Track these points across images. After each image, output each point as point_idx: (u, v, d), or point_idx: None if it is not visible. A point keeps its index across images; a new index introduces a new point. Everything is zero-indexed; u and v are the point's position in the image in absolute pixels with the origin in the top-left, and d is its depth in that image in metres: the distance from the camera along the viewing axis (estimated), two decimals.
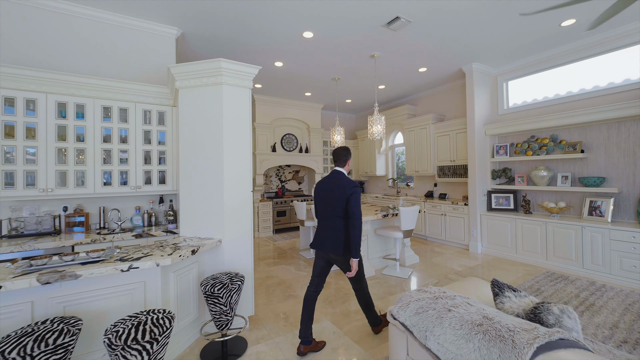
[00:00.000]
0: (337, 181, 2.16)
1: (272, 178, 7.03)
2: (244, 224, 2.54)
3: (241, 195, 2.53)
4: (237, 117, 2.54)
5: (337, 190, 2.12)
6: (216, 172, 2.45)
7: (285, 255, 4.71)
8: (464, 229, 4.86)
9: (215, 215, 2.45)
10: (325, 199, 2.19)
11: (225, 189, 2.44)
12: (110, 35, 3.10)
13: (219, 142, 2.45)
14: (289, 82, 5.37)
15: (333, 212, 2.13)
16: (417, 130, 5.96)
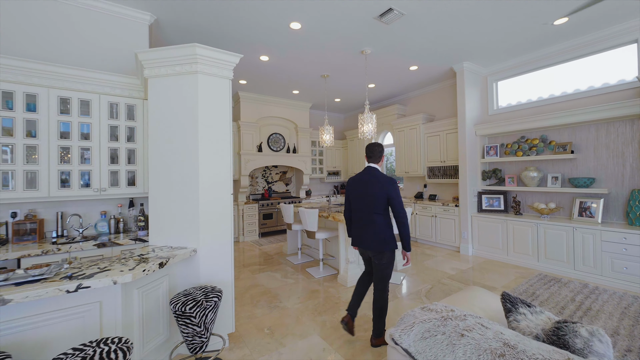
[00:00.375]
0: (374, 178, 2.14)
1: (258, 179, 6.74)
2: (222, 231, 2.27)
3: (220, 199, 2.27)
4: (216, 111, 2.27)
5: (375, 187, 2.11)
6: (190, 172, 2.18)
7: (272, 261, 4.45)
8: (454, 230, 4.76)
9: (189, 222, 2.17)
10: (364, 196, 2.16)
11: (201, 192, 2.17)
12: (74, 18, 2.75)
13: (194, 139, 2.18)
14: (275, 79, 5.11)
15: (372, 209, 2.12)
16: (407, 130, 5.84)
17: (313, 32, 3.47)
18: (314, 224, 3.68)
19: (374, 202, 2.11)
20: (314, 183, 7.73)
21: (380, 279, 2.18)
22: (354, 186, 2.25)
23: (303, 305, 2.93)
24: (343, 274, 3.51)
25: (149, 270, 1.70)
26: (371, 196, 2.12)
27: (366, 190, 2.15)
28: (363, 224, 2.18)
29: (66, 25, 2.72)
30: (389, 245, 2.11)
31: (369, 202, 2.14)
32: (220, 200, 2.27)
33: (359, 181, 2.22)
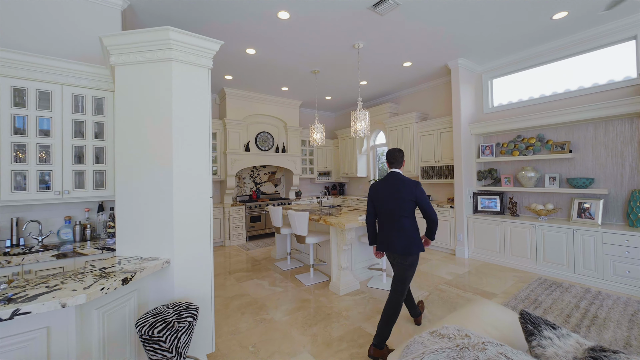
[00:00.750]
0: (400, 182, 2.19)
1: (246, 180, 6.46)
2: (200, 239, 2.02)
3: (197, 202, 2.01)
4: (193, 104, 2.02)
5: (403, 191, 2.15)
6: (163, 173, 1.92)
7: (259, 267, 4.19)
8: (450, 232, 4.62)
9: (161, 229, 1.91)
10: (390, 200, 2.19)
11: (176, 195, 1.91)
12: (37, 1, 2.44)
13: (167, 136, 1.92)
14: (263, 74, 4.86)
15: (401, 212, 2.15)
16: (399, 129, 5.68)
17: (302, 22, 3.25)
18: (304, 227, 3.45)
19: (402, 206, 2.14)
20: (304, 184, 7.50)
21: (400, 281, 2.16)
22: (380, 191, 2.27)
23: (292, 317, 2.70)
24: (335, 281, 3.29)
25: (110, 288, 1.43)
26: (399, 200, 2.15)
27: (394, 194, 2.17)
28: (391, 228, 2.19)
29: (28, 9, 2.41)
30: (417, 248, 2.14)
31: (396, 206, 2.16)
32: (197, 204, 2.01)
33: (385, 186, 2.24)
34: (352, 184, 7.60)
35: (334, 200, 7.18)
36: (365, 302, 2.98)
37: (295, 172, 6.58)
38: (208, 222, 2.07)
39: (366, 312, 2.77)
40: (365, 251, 3.72)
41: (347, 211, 4.06)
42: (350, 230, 3.15)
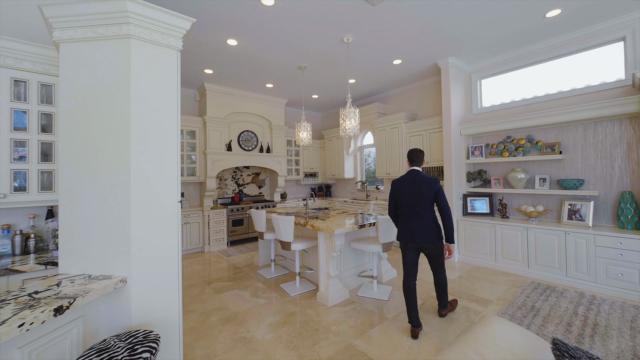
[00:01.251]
0: (422, 178, 2.44)
1: (228, 181, 6.08)
2: (165, 251, 1.70)
3: (162, 208, 1.70)
4: (157, 93, 1.71)
5: (425, 186, 2.39)
6: (118, 174, 1.59)
7: (241, 276, 3.86)
8: None
9: (116, 240, 1.58)
10: (413, 195, 2.42)
11: (134, 200, 1.59)
12: None
13: (124, 130, 1.60)
14: (246, 69, 4.55)
15: (423, 205, 2.39)
16: (388, 129, 5.53)
17: (288, 10, 2.99)
18: (290, 233, 3.18)
19: (425, 200, 2.39)
20: (290, 185, 7.21)
21: (441, 264, 2.55)
22: (403, 187, 2.49)
23: (275, 334, 2.41)
24: (324, 290, 3.04)
25: (33, 323, 1.10)
26: (422, 195, 2.39)
27: (418, 189, 2.41)
28: (415, 220, 2.42)
29: None
30: (440, 235, 2.46)
31: (419, 200, 2.40)
32: (162, 210, 1.70)
33: (409, 182, 2.48)
34: (339, 186, 7.39)
35: (320, 203, 6.93)
36: (357, 313, 2.75)
37: (280, 173, 6.27)
38: (175, 230, 1.75)
39: (357, 325, 2.53)
40: (356, 257, 3.49)
41: (335, 214, 3.82)
42: (339, 236, 2.91)
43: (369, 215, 3.67)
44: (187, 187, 5.53)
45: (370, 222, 3.20)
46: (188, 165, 5.22)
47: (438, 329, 2.46)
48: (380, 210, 5.36)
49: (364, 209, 5.71)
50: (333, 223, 3.12)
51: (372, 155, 6.85)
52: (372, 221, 3.23)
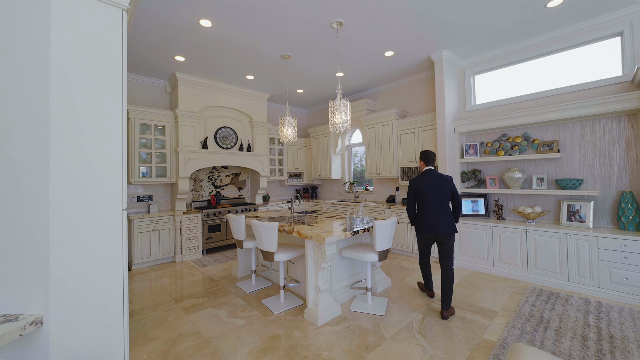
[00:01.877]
0: (440, 176, 2.75)
1: (204, 183, 5.54)
2: (103, 274, 1.26)
3: (99, 221, 1.25)
4: (91, 68, 1.26)
5: (445, 184, 2.71)
6: (30, 176, 1.13)
7: (216, 290, 3.39)
8: None
9: (28, 265, 1.12)
10: (435, 191, 2.70)
11: (55, 212, 1.14)
12: None
13: (40, 113, 1.14)
14: (223, 56, 4.08)
15: (444, 200, 2.70)
16: (378, 127, 5.25)
17: None
18: (273, 242, 2.77)
19: (444, 196, 2.71)
20: (273, 187, 6.77)
21: (450, 258, 2.70)
22: (424, 185, 2.76)
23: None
24: (312, 307, 2.65)
25: None
26: (442, 192, 2.71)
27: (438, 187, 2.71)
28: (437, 214, 2.70)
29: None
30: (456, 228, 2.76)
31: (440, 196, 2.70)
32: (100, 222, 1.25)
33: (429, 181, 2.75)
34: (326, 187, 7.03)
35: (306, 205, 6.54)
36: (351, 334, 2.39)
37: (262, 173, 5.82)
38: (119, 246, 1.31)
39: (353, 349, 2.17)
40: (348, 267, 3.14)
41: (323, 218, 3.45)
42: (331, 244, 2.54)
43: (361, 219, 3.33)
44: (156, 189, 4.95)
45: (364, 227, 2.85)
46: (157, 165, 4.66)
47: (444, 348, 2.15)
48: (370, 213, 5.05)
49: (353, 211, 5.39)
50: (322, 229, 2.75)
51: (359, 155, 6.56)
52: (367, 226, 2.89)
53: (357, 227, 2.87)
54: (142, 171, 4.58)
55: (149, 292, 3.38)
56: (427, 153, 2.86)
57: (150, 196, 4.89)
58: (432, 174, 2.79)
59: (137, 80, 4.76)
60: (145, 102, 4.87)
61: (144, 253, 4.34)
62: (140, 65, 4.35)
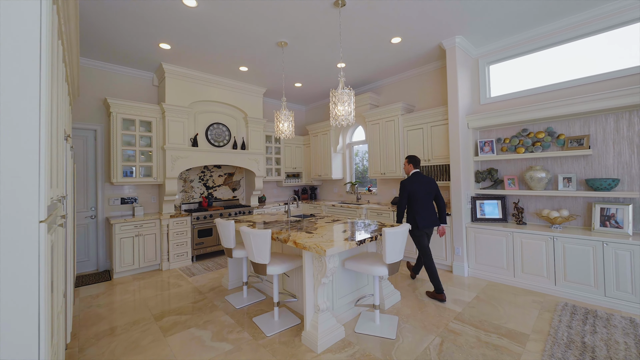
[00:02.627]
0: (427, 179, 3.17)
1: (195, 183, 5.15)
2: (4, 318, 0.86)
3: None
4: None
5: (431, 185, 3.15)
6: None
7: (203, 305, 2.99)
8: (445, 245, 3.84)
9: None
10: (424, 191, 3.11)
11: None
12: None
13: None
14: (213, 44, 3.69)
15: (430, 199, 3.14)
16: (382, 122, 4.85)
17: None
18: (265, 253, 2.37)
19: (430, 196, 3.14)
20: (269, 187, 6.37)
21: (422, 248, 3.11)
22: (417, 186, 3.10)
23: None
24: (311, 330, 2.25)
25: None
26: (429, 191, 3.13)
27: (426, 188, 3.12)
28: (428, 211, 3.10)
29: None
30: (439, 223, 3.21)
31: (428, 196, 3.12)
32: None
33: (421, 182, 3.13)
34: (326, 188, 6.63)
35: (305, 208, 6.14)
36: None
37: (257, 173, 5.42)
38: (32, 277, 0.91)
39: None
40: (351, 280, 2.73)
41: (323, 223, 3.05)
42: (333, 257, 2.14)
43: (365, 225, 2.93)
44: (142, 190, 4.56)
45: (370, 235, 2.46)
46: (142, 164, 4.26)
47: None
48: (374, 216, 4.66)
49: (355, 214, 4.99)
50: (322, 237, 2.35)
51: (361, 154, 6.16)
52: (374, 234, 2.49)
53: (362, 234, 2.47)
54: (126, 171, 4.18)
55: (127, 307, 2.98)
56: (414, 157, 3.24)
57: (136, 198, 4.49)
58: (420, 176, 3.17)
59: (121, 72, 4.37)
60: (131, 96, 4.47)
61: (126, 260, 3.94)
62: (123, 55, 3.96)
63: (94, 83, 4.15)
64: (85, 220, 4.11)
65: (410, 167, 3.23)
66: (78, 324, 2.65)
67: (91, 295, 3.31)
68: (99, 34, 3.40)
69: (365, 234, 2.50)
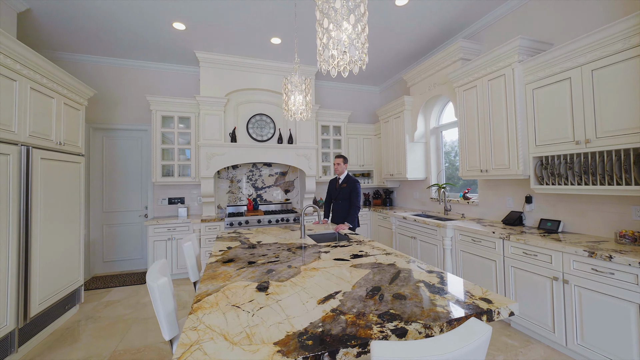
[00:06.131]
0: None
1: (242, 183, 4.66)
2: None
3: None
4: None
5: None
6: None
7: None
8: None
9: None
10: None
11: None
12: None
13: None
14: (228, 7, 2.93)
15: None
16: (482, 83, 2.85)
17: None
18: (165, 323, 1.29)
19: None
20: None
21: None
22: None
23: None
24: None
25: None
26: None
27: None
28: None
29: None
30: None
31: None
32: None
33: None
34: (405, 191, 4.89)
35: (373, 217, 4.68)
36: None
37: (308, 172, 4.42)
38: None
39: None
40: None
41: (331, 263, 1.69)
42: None
43: (433, 289, 1.38)
44: (186, 190, 4.39)
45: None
46: (181, 163, 4.03)
47: None
48: (465, 245, 2.78)
49: (433, 238, 3.19)
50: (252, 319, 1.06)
51: (448, 145, 4.10)
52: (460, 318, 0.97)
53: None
54: (168, 170, 4.06)
55: (93, 334, 2.57)
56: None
57: (182, 199, 4.36)
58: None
59: (165, 69, 4.30)
60: (179, 94, 4.37)
61: None
62: (164, 51, 3.81)
63: (140, 84, 4.21)
64: (138, 219, 4.23)
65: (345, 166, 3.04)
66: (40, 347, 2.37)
67: (102, 303, 3.10)
68: (120, 28, 3.23)
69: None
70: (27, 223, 2.14)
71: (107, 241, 4.11)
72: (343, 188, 3.17)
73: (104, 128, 4.07)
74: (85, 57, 3.92)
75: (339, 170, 3.22)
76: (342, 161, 3.20)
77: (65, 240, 2.60)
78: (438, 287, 1.27)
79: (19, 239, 2.07)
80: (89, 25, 3.19)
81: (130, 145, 4.23)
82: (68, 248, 2.66)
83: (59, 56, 3.83)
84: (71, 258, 2.71)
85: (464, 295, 1.16)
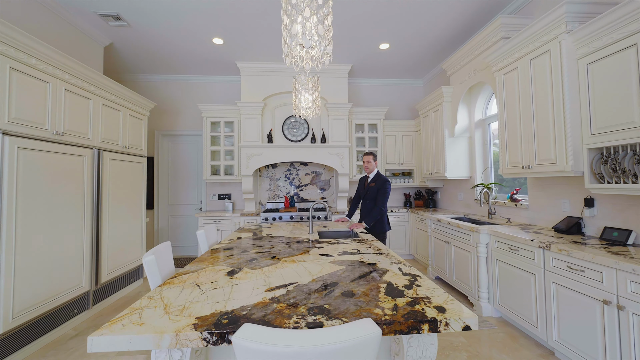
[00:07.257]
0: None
1: (281, 182, 4.95)
2: None
3: None
4: None
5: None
6: None
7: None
8: None
9: None
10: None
11: None
12: None
13: None
14: (261, 20, 3.21)
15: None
16: (523, 63, 2.41)
17: None
18: None
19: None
20: None
21: None
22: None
23: None
24: None
25: None
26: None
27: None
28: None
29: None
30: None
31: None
32: None
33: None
34: (449, 191, 4.44)
35: (412, 219, 4.41)
36: None
37: (340, 171, 4.43)
38: None
39: None
40: None
41: (287, 263, 1.71)
42: None
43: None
44: (234, 188, 4.89)
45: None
46: (226, 163, 4.53)
47: None
48: (504, 255, 2.41)
49: (467, 243, 2.83)
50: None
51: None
52: None
53: None
54: (216, 169, 4.61)
55: None
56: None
57: (229, 194, 4.88)
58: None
59: (215, 81, 4.87)
60: (228, 102, 4.91)
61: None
62: (211, 64, 4.36)
63: (196, 95, 4.86)
64: (195, 211, 4.91)
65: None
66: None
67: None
68: (174, 49, 3.83)
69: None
70: (98, 210, 2.76)
71: (171, 230, 4.89)
72: (371, 187, 3.01)
73: (170, 134, 4.86)
74: (155, 77, 4.76)
75: (368, 168, 3.06)
76: (372, 158, 3.04)
77: (129, 225, 3.24)
78: (399, 290, 1.17)
79: (92, 222, 2.69)
80: (154, 50, 3.87)
81: (189, 148, 4.94)
82: (131, 231, 3.30)
83: (135, 77, 4.74)
84: (134, 240, 3.35)
85: (418, 301, 1.05)
